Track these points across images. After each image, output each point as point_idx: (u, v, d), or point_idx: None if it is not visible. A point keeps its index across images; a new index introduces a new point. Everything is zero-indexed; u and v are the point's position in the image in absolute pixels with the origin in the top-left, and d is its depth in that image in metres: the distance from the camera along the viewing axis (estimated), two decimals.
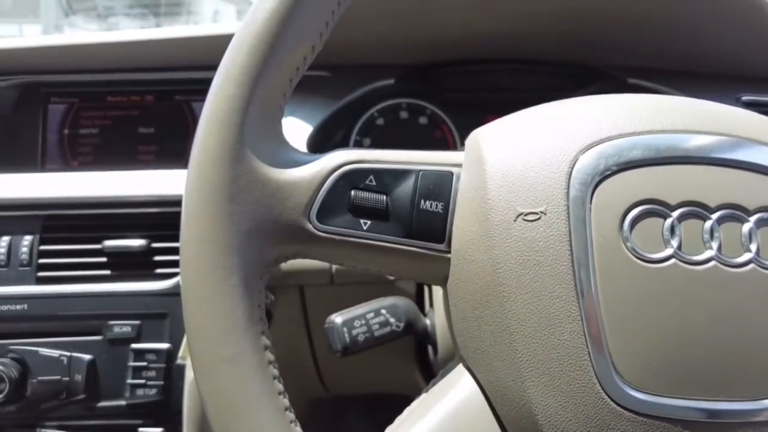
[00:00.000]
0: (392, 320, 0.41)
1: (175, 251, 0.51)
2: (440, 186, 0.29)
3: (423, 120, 0.66)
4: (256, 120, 0.27)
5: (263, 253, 0.28)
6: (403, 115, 0.66)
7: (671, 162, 0.26)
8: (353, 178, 0.28)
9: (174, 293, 0.50)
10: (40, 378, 0.49)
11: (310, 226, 0.28)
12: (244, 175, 0.27)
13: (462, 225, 0.27)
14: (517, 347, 0.25)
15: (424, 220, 0.28)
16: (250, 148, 0.27)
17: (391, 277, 0.52)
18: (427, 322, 0.46)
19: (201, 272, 0.26)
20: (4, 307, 0.49)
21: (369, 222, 0.28)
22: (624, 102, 0.28)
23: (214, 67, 0.54)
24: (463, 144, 0.66)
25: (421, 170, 0.29)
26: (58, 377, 0.49)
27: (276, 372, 0.27)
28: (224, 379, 0.25)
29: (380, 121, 0.66)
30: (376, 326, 0.40)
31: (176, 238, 0.50)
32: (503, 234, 0.25)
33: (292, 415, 0.26)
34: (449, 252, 0.28)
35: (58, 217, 0.51)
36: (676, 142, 0.26)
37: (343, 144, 0.64)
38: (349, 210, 0.28)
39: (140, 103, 0.64)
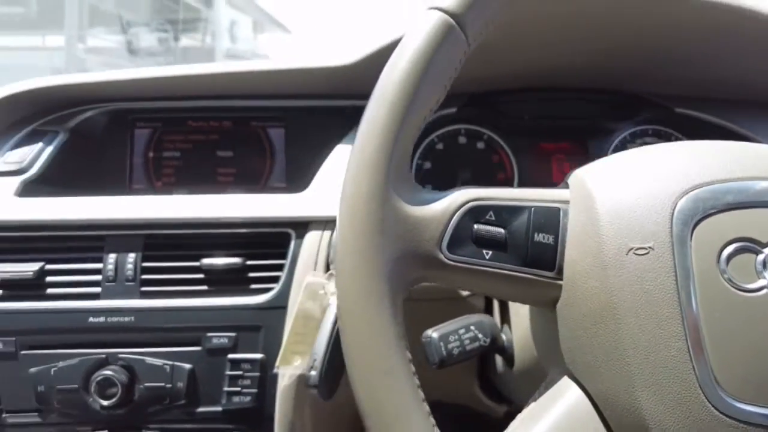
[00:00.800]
0: (480, 336, 0.45)
1: (267, 268, 0.55)
2: (550, 220, 0.33)
3: (480, 145, 0.70)
4: (396, 165, 0.32)
5: (405, 279, 0.32)
6: (462, 140, 0.70)
7: (760, 205, 0.30)
8: (476, 213, 0.33)
9: (267, 307, 0.54)
10: (146, 384, 0.53)
11: (442, 256, 0.32)
12: (390, 213, 0.31)
13: (575, 256, 0.32)
14: (629, 361, 0.29)
15: (537, 251, 0.32)
16: (393, 190, 0.31)
17: (464, 294, 0.56)
18: (504, 337, 0.50)
19: (358, 297, 0.30)
20: (114, 319, 0.54)
21: (491, 252, 0.32)
22: (715, 150, 0.33)
23: (283, 96, 0.60)
24: (518, 166, 0.70)
25: (533, 206, 0.33)
26: (162, 384, 0.53)
27: (418, 381, 0.31)
28: (384, 389, 0.29)
29: (440, 146, 0.70)
30: (467, 341, 0.45)
31: (268, 257, 0.55)
32: (617, 265, 0.30)
33: (433, 420, 0.30)
34: (560, 279, 0.32)
35: (159, 237, 0.55)
36: (763, 188, 0.30)
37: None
38: (473, 241, 0.32)
39: (219, 128, 0.69)
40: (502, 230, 0.33)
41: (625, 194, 0.31)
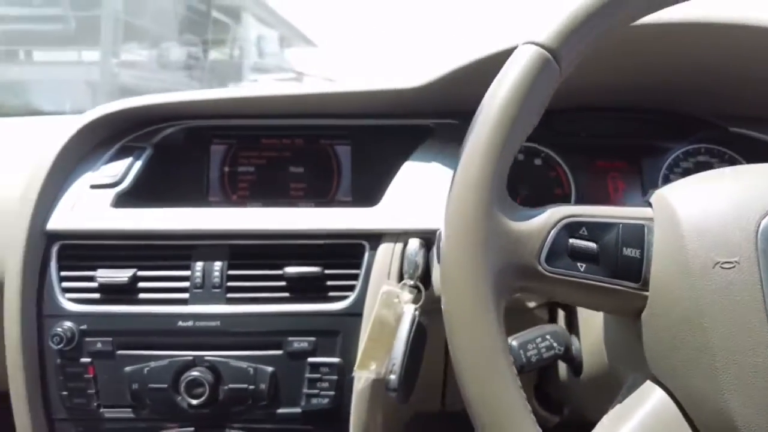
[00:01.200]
0: (555, 345, 0.48)
1: (343, 277, 0.58)
2: (637, 236, 0.36)
3: (538, 161, 0.73)
4: (497, 183, 0.35)
5: (507, 289, 0.35)
6: (519, 156, 0.73)
7: None
8: (570, 229, 0.36)
9: (345, 314, 0.57)
10: (230, 385, 0.57)
11: (540, 268, 0.35)
12: (494, 228, 0.34)
13: (661, 269, 0.34)
14: (718, 366, 0.31)
15: (626, 264, 0.35)
16: (496, 206, 0.34)
17: (531, 305, 0.59)
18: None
19: (467, 305, 0.33)
20: (201, 323, 0.58)
21: (585, 265, 0.35)
22: None
23: (349, 116, 0.64)
24: (574, 182, 0.72)
25: (621, 223, 0.36)
26: (246, 385, 0.57)
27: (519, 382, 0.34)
28: (494, 390, 0.32)
29: None
30: (544, 349, 0.47)
31: (344, 266, 0.59)
32: (704, 278, 0.32)
33: (533, 415, 0.33)
34: (645, 290, 0.35)
35: (243, 246, 0.59)
36: None
37: None
38: (569, 255, 0.35)
39: (290, 146, 0.74)
40: (594, 245, 0.36)
41: (709, 212, 0.34)
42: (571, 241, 0.35)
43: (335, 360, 0.57)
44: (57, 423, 0.60)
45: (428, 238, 0.58)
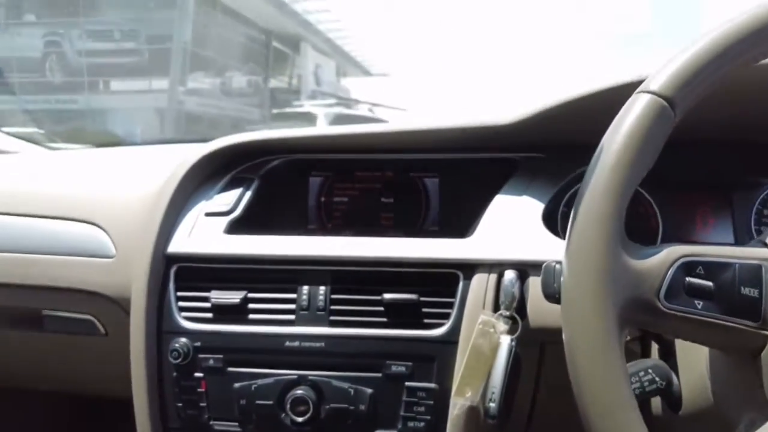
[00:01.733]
0: (657, 379, 0.49)
1: (439, 305, 0.61)
2: (755, 275, 0.37)
3: None
4: (618, 222, 0.37)
5: (628, 323, 0.37)
6: None
7: None
8: (688, 268, 0.37)
9: (441, 341, 0.60)
10: (332, 405, 0.60)
11: (659, 305, 0.37)
12: (616, 264, 0.36)
13: None
14: None
15: (744, 303, 0.36)
16: (620, 244, 0.37)
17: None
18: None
19: (593, 338, 0.35)
20: (307, 344, 0.61)
21: (702, 302, 0.37)
22: None
23: (437, 150, 0.66)
24: (662, 218, 0.72)
25: (737, 263, 0.37)
26: (346, 405, 0.60)
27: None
28: (622, 419, 0.34)
29: None
30: (647, 383, 0.48)
31: (440, 294, 0.62)
32: None
33: None
34: (766, 329, 0.36)
35: (345, 272, 0.63)
36: None
37: (551, 215, 0.72)
38: (686, 293, 0.37)
39: (381, 178, 0.78)
40: (710, 283, 0.37)
41: None
42: (688, 279, 0.37)
43: (432, 385, 0.59)
44: None
45: (523, 270, 0.60)
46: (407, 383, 0.60)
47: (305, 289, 0.63)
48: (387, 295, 0.61)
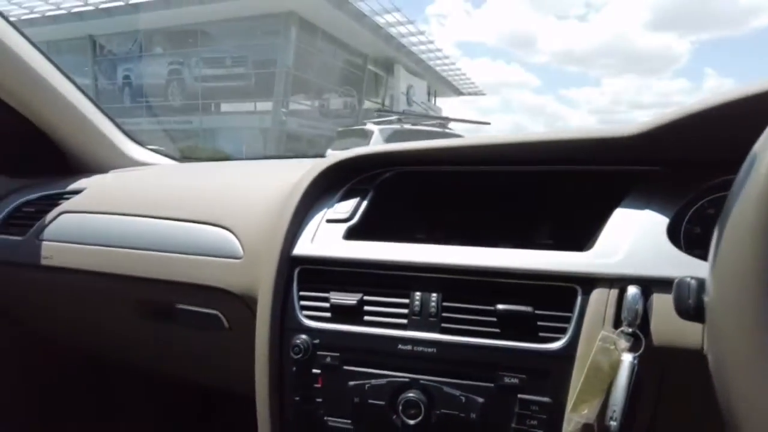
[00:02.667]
0: None
1: (555, 319, 0.60)
2: None
3: None
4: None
5: None
6: (711, 211, 0.69)
7: None
8: None
9: (556, 355, 0.58)
10: (442, 410, 0.61)
11: None
12: None
13: None
14: None
15: None
16: None
17: None
18: None
19: (752, 354, 0.33)
20: (419, 348, 0.63)
21: None
22: None
23: (548, 162, 0.64)
24: None
25: None
26: (457, 412, 0.60)
27: None
28: None
29: (711, 211, 0.70)
30: None
31: (556, 308, 0.60)
32: None
33: None
34: None
35: (457, 281, 0.64)
36: None
37: (674, 231, 0.68)
38: None
39: (491, 190, 0.79)
40: None
41: None
42: None
43: (545, 399, 0.58)
44: (288, 425, 0.69)
45: (646, 286, 0.57)
46: (520, 395, 0.59)
47: (418, 295, 0.65)
48: (501, 306, 0.61)
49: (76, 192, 1.02)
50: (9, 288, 1.04)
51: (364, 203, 0.75)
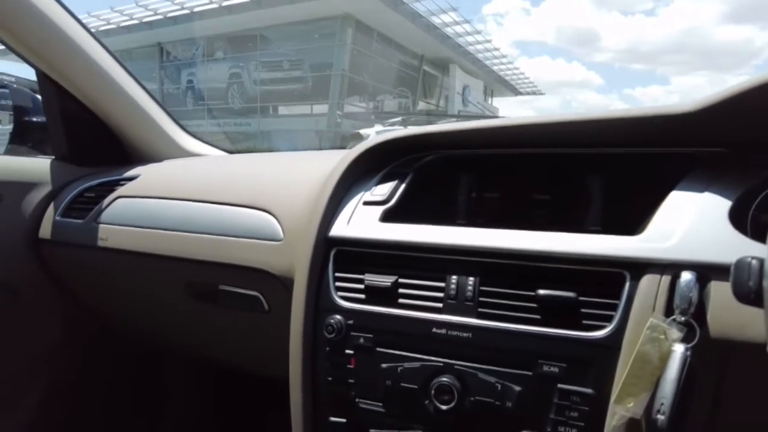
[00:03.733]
0: None
1: (601, 306, 0.56)
2: None
3: None
4: None
5: None
6: None
7: None
8: None
9: (601, 344, 0.55)
10: (477, 397, 0.58)
11: None
12: None
13: None
14: None
15: None
16: None
17: None
18: None
19: None
20: (454, 333, 0.61)
21: None
22: None
23: (598, 144, 0.59)
24: None
25: None
26: (492, 400, 0.58)
27: None
28: None
29: None
30: None
31: (602, 294, 0.56)
32: None
33: None
34: None
35: (496, 265, 0.62)
36: None
37: (739, 216, 0.62)
38: None
39: (537, 173, 0.75)
40: None
41: None
42: None
43: (588, 390, 0.55)
44: (321, 406, 0.69)
45: (703, 272, 0.52)
46: (560, 385, 0.56)
47: (454, 278, 0.63)
48: (542, 291, 0.58)
49: (132, 178, 1.06)
50: (72, 268, 1.10)
51: (402, 186, 0.74)
